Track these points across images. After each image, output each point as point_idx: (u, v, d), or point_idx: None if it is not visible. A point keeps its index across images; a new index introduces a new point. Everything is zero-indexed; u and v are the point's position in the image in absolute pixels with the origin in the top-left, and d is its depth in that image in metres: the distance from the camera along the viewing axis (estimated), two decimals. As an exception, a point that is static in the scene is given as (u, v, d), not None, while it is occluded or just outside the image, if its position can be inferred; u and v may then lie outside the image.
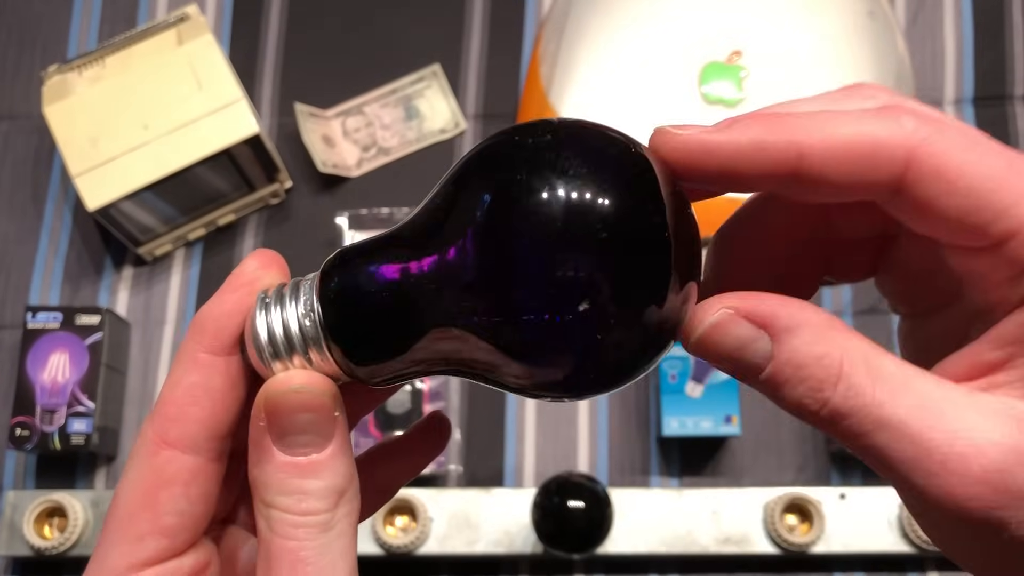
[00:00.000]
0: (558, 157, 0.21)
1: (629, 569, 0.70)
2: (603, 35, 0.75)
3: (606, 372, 0.22)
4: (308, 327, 0.23)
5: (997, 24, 0.81)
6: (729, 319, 0.21)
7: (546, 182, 0.20)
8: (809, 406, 0.20)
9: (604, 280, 0.20)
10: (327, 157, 0.77)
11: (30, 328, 0.70)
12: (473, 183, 0.22)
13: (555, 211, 0.20)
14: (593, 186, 0.20)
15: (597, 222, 0.20)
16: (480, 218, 0.21)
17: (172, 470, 0.24)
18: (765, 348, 0.21)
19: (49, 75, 0.72)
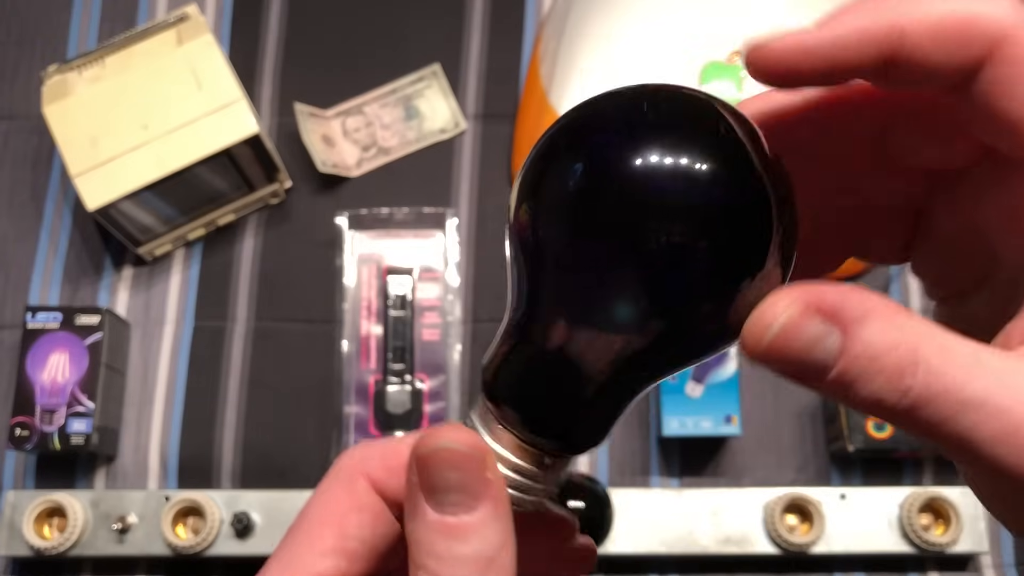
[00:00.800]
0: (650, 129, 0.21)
1: (629, 569, 0.70)
2: (603, 35, 0.75)
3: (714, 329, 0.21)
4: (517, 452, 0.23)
5: (997, 24, 0.81)
6: (800, 316, 0.19)
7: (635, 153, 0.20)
8: (888, 399, 0.19)
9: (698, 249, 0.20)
10: (327, 157, 0.77)
11: (30, 328, 0.70)
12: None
13: (643, 186, 0.20)
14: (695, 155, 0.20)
15: (686, 195, 0.20)
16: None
17: (367, 499, 0.24)
18: (835, 344, 0.19)
19: (49, 75, 0.72)
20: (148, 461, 0.74)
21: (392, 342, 0.75)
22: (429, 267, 0.77)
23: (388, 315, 0.75)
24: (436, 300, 0.76)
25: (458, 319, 0.76)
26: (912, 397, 0.19)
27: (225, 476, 0.73)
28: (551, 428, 0.23)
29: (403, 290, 0.76)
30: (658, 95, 0.21)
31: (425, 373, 0.74)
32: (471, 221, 0.78)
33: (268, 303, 0.77)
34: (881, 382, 0.19)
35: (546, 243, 0.21)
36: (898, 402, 0.19)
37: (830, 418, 0.72)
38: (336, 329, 0.76)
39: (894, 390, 0.19)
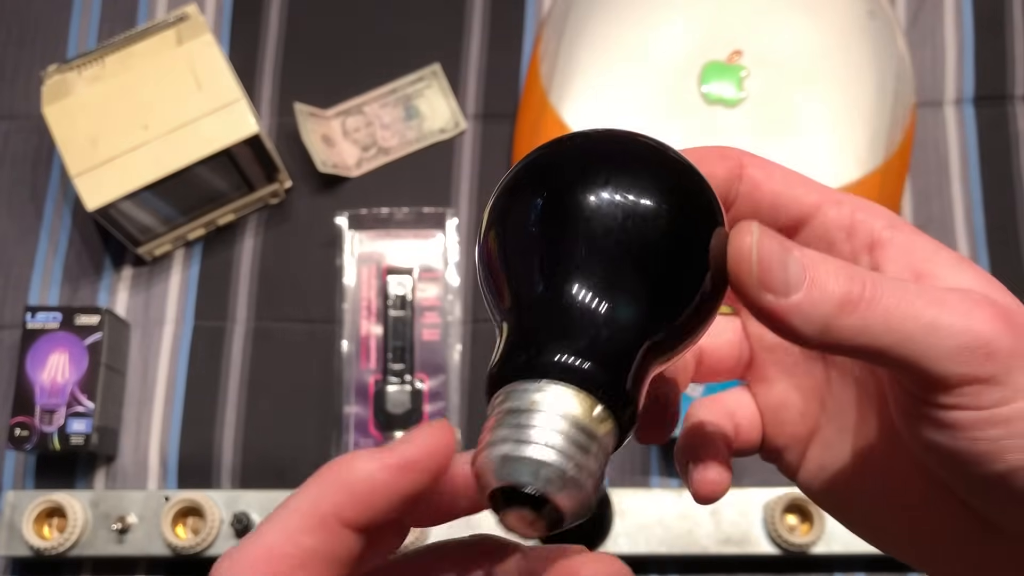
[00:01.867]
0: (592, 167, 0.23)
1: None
2: (603, 35, 0.75)
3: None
4: (592, 417, 0.22)
5: (997, 24, 0.81)
6: (768, 234, 0.23)
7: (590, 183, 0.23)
8: (852, 291, 0.22)
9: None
10: (327, 157, 0.77)
11: (29, 328, 0.70)
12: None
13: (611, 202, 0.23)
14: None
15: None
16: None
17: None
18: (797, 261, 0.23)
19: (49, 75, 0.72)
20: (148, 461, 0.73)
21: (392, 342, 0.74)
22: (429, 267, 0.77)
23: (388, 315, 0.75)
24: (436, 300, 0.76)
25: (458, 319, 0.76)
26: (869, 288, 0.22)
27: (225, 476, 0.73)
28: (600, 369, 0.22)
29: (403, 290, 0.76)
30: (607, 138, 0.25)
31: (425, 373, 0.74)
32: (471, 221, 0.78)
33: (268, 303, 0.77)
34: (842, 279, 0.22)
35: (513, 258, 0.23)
36: (860, 292, 0.22)
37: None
38: (336, 329, 0.75)
39: (853, 281, 0.22)
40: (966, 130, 0.79)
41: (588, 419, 0.21)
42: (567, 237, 0.22)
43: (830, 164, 0.73)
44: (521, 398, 0.21)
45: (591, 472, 0.21)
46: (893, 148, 0.75)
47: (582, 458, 0.21)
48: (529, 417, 0.21)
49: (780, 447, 0.29)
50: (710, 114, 0.73)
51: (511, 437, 0.21)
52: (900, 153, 0.76)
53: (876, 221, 0.25)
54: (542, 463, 0.20)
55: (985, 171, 0.78)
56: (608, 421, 0.22)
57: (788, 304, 0.22)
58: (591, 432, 0.21)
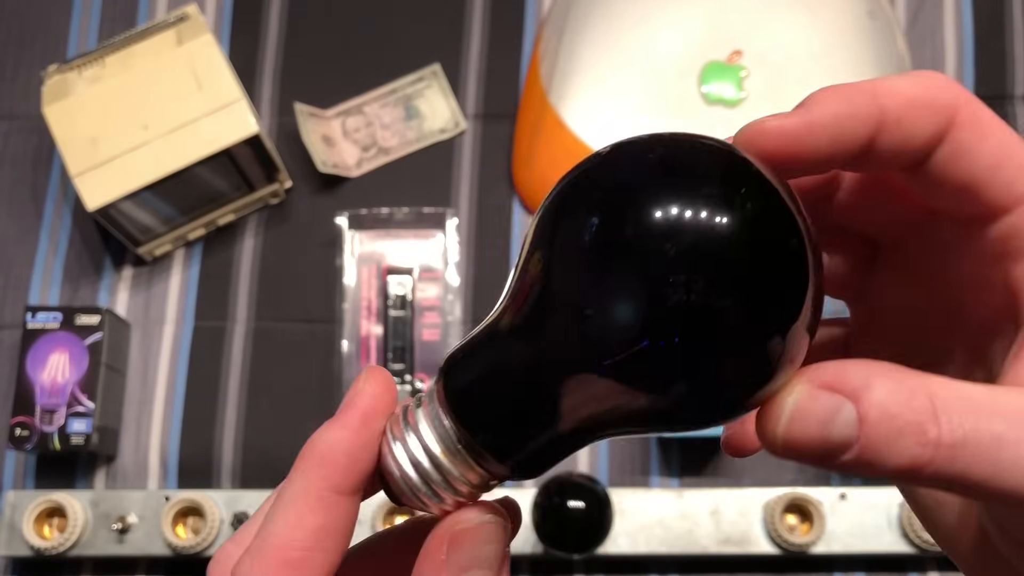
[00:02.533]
0: (664, 172, 0.20)
1: (629, 569, 0.70)
2: (603, 35, 0.75)
3: (720, 402, 0.20)
4: (450, 447, 0.22)
5: (997, 24, 0.81)
6: (808, 396, 0.19)
7: (652, 198, 0.19)
8: (919, 456, 0.18)
9: (727, 305, 0.19)
10: (327, 157, 0.77)
11: (30, 328, 0.70)
12: (562, 219, 0.21)
13: (668, 231, 0.19)
14: (710, 204, 0.19)
15: (717, 242, 0.19)
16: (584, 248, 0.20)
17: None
18: (851, 415, 0.18)
19: (49, 75, 0.72)
20: (148, 461, 0.74)
21: (392, 342, 0.75)
22: (429, 267, 0.77)
23: (388, 315, 0.75)
24: (436, 300, 0.76)
25: (458, 319, 0.76)
26: (943, 448, 0.18)
27: (225, 476, 0.73)
28: (504, 442, 0.22)
29: (403, 290, 0.76)
30: (677, 145, 0.21)
31: (425, 373, 0.74)
32: (471, 221, 0.78)
33: (268, 303, 0.77)
34: (907, 440, 0.18)
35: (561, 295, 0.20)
36: (931, 457, 0.18)
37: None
38: (336, 329, 0.76)
39: (921, 444, 0.18)
40: (966, 130, 0.79)
41: (446, 457, 0.22)
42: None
43: (830, 164, 0.73)
44: (418, 410, 0.23)
45: (428, 494, 0.22)
46: (893, 148, 0.75)
47: (422, 486, 0.22)
48: (410, 430, 0.22)
49: None
50: (710, 114, 0.73)
51: (399, 435, 0.23)
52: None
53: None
54: (403, 473, 0.22)
55: (985, 171, 0.78)
56: (472, 470, 0.22)
57: (835, 467, 0.19)
58: (444, 469, 0.22)
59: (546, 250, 0.20)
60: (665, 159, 0.20)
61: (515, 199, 0.79)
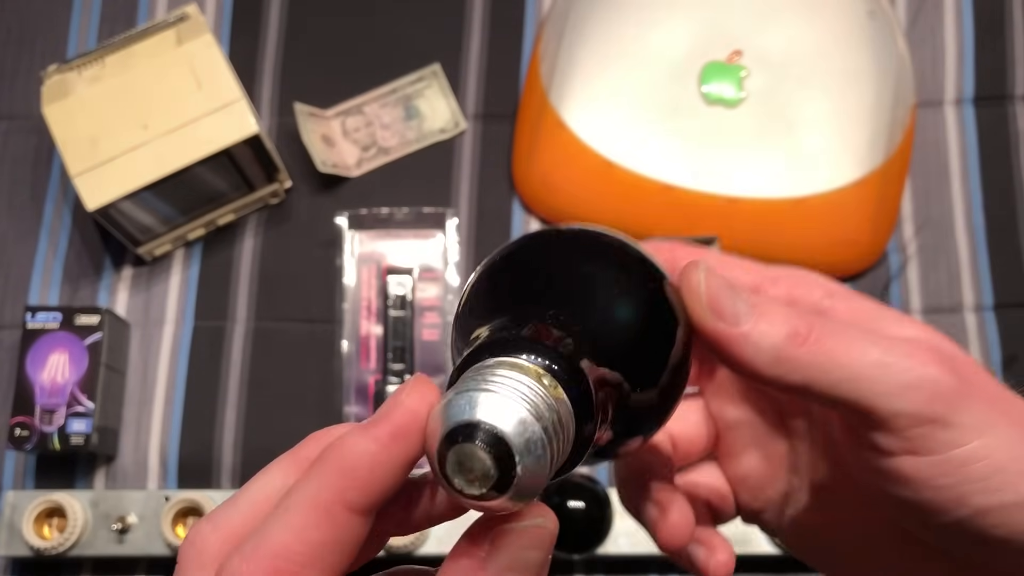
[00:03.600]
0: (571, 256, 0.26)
1: (629, 569, 0.70)
2: (603, 35, 0.75)
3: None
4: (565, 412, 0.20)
5: (997, 24, 0.81)
6: (714, 273, 0.24)
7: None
8: (799, 325, 0.23)
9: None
10: (327, 157, 0.77)
11: (30, 328, 0.70)
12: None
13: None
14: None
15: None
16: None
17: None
18: (745, 299, 0.24)
19: (49, 75, 0.72)
20: (148, 461, 0.73)
21: (392, 342, 0.74)
22: (429, 267, 0.77)
23: (388, 315, 0.75)
24: (436, 300, 0.76)
25: (458, 319, 0.76)
26: (816, 326, 0.23)
27: (225, 476, 0.73)
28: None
29: (403, 290, 0.76)
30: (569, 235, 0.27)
31: (425, 373, 0.74)
32: (471, 221, 0.78)
33: (268, 303, 0.77)
34: (791, 314, 0.24)
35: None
36: (807, 329, 0.23)
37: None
38: (336, 329, 0.75)
39: (801, 318, 0.23)
40: (966, 130, 0.79)
41: (563, 406, 0.20)
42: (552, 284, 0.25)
43: (830, 164, 0.73)
44: (487, 370, 0.20)
45: (553, 452, 0.19)
46: (893, 148, 0.75)
47: (553, 430, 0.19)
48: (495, 380, 0.19)
49: (757, 510, 0.31)
50: (710, 114, 0.73)
51: (478, 389, 0.19)
52: (900, 153, 0.76)
53: (814, 292, 0.26)
54: (515, 411, 0.19)
55: (985, 171, 0.78)
56: (571, 419, 0.21)
57: (739, 332, 0.24)
58: (562, 418, 0.20)
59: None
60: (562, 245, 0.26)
61: (515, 199, 0.79)
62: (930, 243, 0.76)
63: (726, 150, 0.73)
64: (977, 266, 0.76)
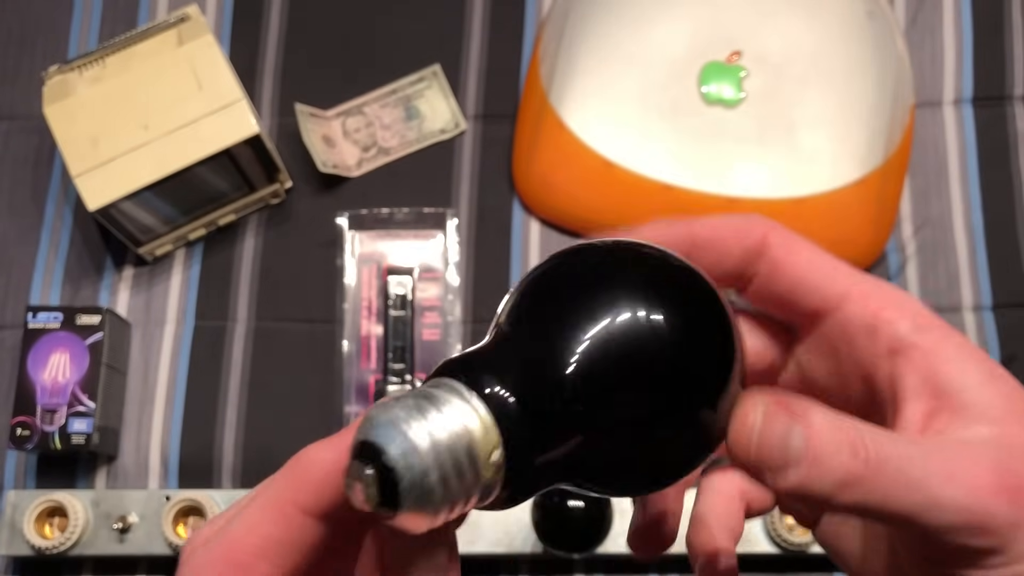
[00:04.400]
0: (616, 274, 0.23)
1: (629, 569, 0.70)
2: (603, 35, 0.75)
3: (661, 471, 0.24)
4: (487, 438, 0.20)
5: (997, 24, 0.81)
6: (769, 415, 0.23)
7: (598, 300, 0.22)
8: (853, 470, 0.22)
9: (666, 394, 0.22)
10: (327, 157, 0.77)
11: (31, 328, 0.71)
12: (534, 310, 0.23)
13: (615, 336, 0.22)
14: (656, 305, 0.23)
15: (657, 342, 0.22)
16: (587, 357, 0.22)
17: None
18: (801, 434, 0.23)
19: (49, 75, 0.72)
20: (149, 461, 0.74)
21: (392, 342, 0.75)
22: (429, 267, 0.77)
23: (388, 315, 0.75)
24: (436, 300, 0.76)
25: (458, 319, 0.76)
26: (871, 464, 0.22)
27: (225, 476, 0.73)
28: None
29: (403, 290, 0.76)
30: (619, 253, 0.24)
31: (425, 373, 0.74)
32: (471, 221, 0.78)
33: (268, 303, 0.77)
34: (843, 455, 0.22)
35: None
36: (861, 473, 0.22)
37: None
38: (336, 329, 0.76)
39: (854, 458, 0.22)
40: (965, 130, 0.79)
41: (483, 454, 0.20)
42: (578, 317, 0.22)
43: (830, 164, 0.73)
44: (443, 391, 0.20)
45: (448, 498, 0.20)
46: (892, 148, 0.75)
47: (452, 477, 0.20)
48: (434, 406, 0.20)
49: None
50: (710, 114, 0.73)
51: (408, 408, 0.20)
52: (899, 153, 0.76)
53: (901, 322, 0.24)
54: (415, 449, 0.19)
55: (984, 171, 0.78)
56: (498, 474, 0.21)
57: (787, 485, 0.23)
58: (476, 466, 0.20)
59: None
60: (613, 266, 0.24)
61: (515, 199, 0.79)
62: (929, 243, 0.76)
63: (726, 150, 0.73)
64: (976, 266, 0.76)
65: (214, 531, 0.22)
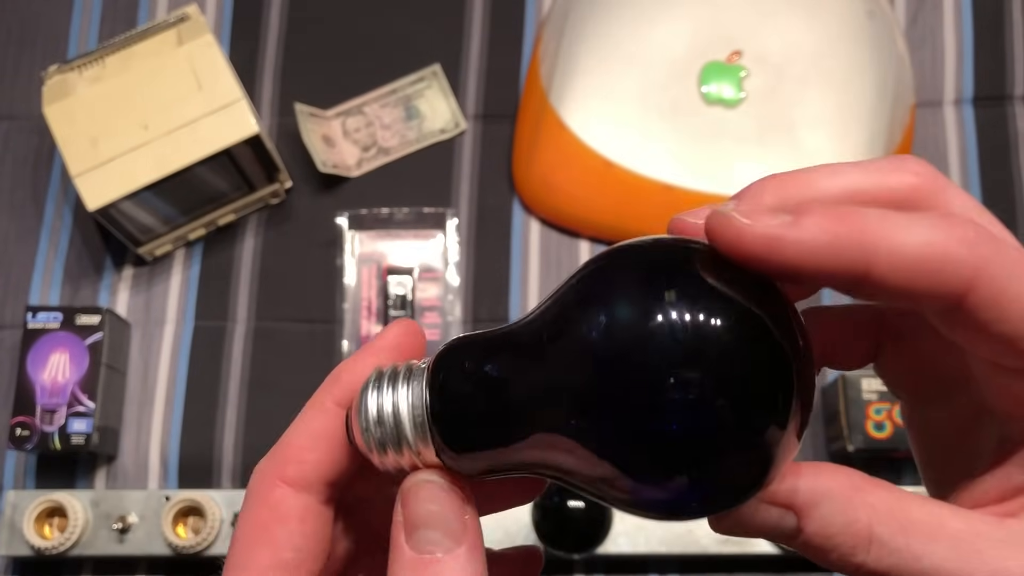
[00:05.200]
0: (676, 278, 0.21)
1: (629, 569, 0.70)
2: (603, 35, 0.75)
3: (713, 495, 0.21)
4: (416, 414, 0.23)
5: (997, 24, 0.81)
6: (752, 508, 0.21)
7: (663, 304, 0.20)
8: (846, 570, 0.20)
9: (722, 403, 0.20)
10: (327, 157, 0.77)
11: (30, 328, 0.70)
12: (592, 300, 0.21)
13: (674, 334, 0.20)
14: (715, 309, 0.20)
15: (716, 345, 0.20)
16: (597, 337, 0.21)
17: (287, 507, 0.25)
18: (791, 524, 0.21)
19: (49, 75, 0.72)
20: (148, 461, 0.74)
21: (392, 342, 0.75)
22: (429, 267, 0.77)
23: (388, 315, 0.75)
24: (436, 300, 0.76)
25: (458, 319, 0.76)
26: (866, 572, 0.20)
27: (225, 476, 0.73)
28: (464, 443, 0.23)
29: (403, 290, 0.76)
30: (675, 255, 0.21)
31: (425, 373, 0.74)
32: (471, 221, 0.78)
33: (268, 303, 0.77)
34: (836, 557, 0.20)
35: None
36: (856, 574, 0.20)
37: (830, 418, 0.72)
38: (336, 329, 0.76)
39: (849, 564, 0.20)
40: (965, 130, 0.79)
41: (416, 427, 0.23)
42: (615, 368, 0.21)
43: (830, 164, 0.73)
44: (415, 369, 0.24)
45: (392, 448, 0.24)
46: (892, 148, 0.75)
47: (390, 440, 0.23)
48: (400, 380, 0.24)
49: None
50: (710, 114, 0.73)
51: (383, 380, 0.24)
52: (899, 153, 0.76)
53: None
54: (366, 410, 0.24)
55: (984, 171, 0.78)
56: (431, 443, 0.23)
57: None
58: (414, 434, 0.23)
59: (578, 323, 0.21)
60: (667, 271, 0.21)
61: (515, 199, 0.79)
62: (930, 243, 0.76)
63: (726, 150, 0.73)
64: (976, 266, 0.76)
65: (275, 446, 0.26)
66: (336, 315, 0.76)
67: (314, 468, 0.25)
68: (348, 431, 0.24)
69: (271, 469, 0.25)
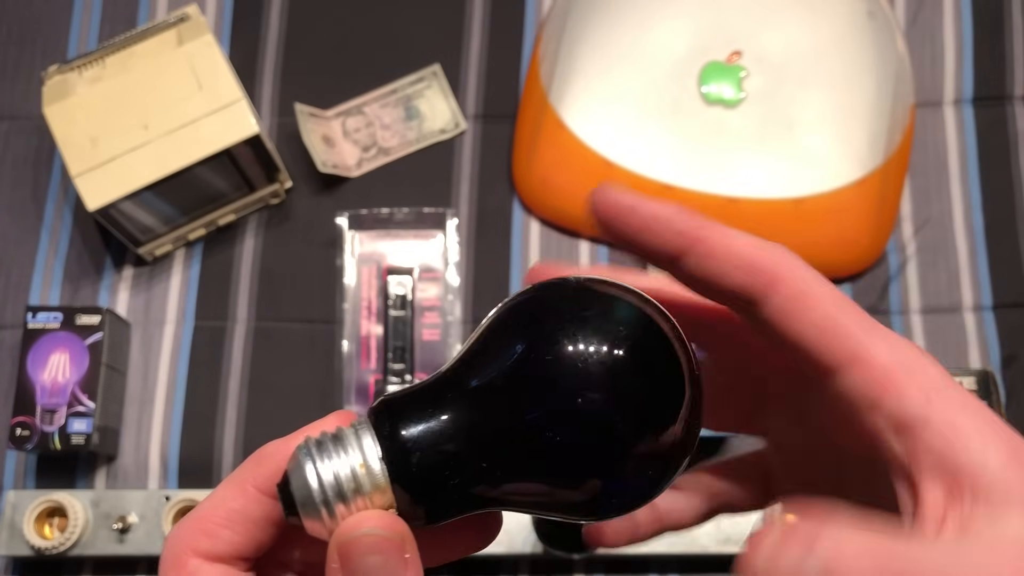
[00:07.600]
0: (581, 313, 0.24)
1: (629, 569, 0.70)
2: (603, 35, 0.75)
3: (629, 493, 0.24)
4: (370, 474, 0.24)
5: (997, 24, 0.81)
6: (790, 535, 0.22)
7: (562, 343, 0.23)
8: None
9: (625, 415, 0.23)
10: (327, 157, 0.77)
11: (30, 328, 0.71)
12: (507, 336, 0.25)
13: (575, 365, 0.23)
14: (611, 339, 0.23)
15: (612, 371, 0.23)
16: (514, 369, 0.24)
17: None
18: (817, 570, 0.21)
19: (49, 75, 0.72)
20: (148, 461, 0.74)
21: (392, 342, 0.75)
22: (429, 267, 0.77)
23: (388, 315, 0.75)
24: (436, 300, 0.76)
25: (458, 319, 0.76)
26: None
27: (225, 476, 0.73)
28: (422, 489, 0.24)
29: (403, 290, 0.76)
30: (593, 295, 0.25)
31: (425, 373, 0.74)
32: (471, 221, 0.78)
33: (268, 303, 0.77)
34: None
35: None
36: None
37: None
38: (336, 329, 0.76)
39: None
40: (965, 130, 0.79)
41: (368, 489, 0.24)
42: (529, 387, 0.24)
43: (830, 164, 0.73)
44: (351, 433, 0.25)
45: (336, 516, 0.24)
46: (892, 148, 0.75)
47: (334, 504, 0.24)
48: (338, 447, 0.24)
49: None
50: (710, 114, 0.73)
51: (317, 450, 0.24)
52: (899, 153, 0.76)
53: (910, 394, 0.22)
54: (306, 483, 0.24)
55: (984, 171, 0.78)
56: (391, 506, 0.24)
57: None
58: (363, 497, 0.24)
59: (500, 359, 0.24)
60: (582, 305, 0.24)
61: (515, 199, 0.79)
62: (929, 243, 0.76)
63: (726, 150, 0.73)
64: (976, 266, 0.76)
65: (188, 515, 0.26)
66: (336, 315, 0.76)
67: (229, 544, 0.25)
68: (284, 502, 0.24)
69: (185, 541, 0.25)
